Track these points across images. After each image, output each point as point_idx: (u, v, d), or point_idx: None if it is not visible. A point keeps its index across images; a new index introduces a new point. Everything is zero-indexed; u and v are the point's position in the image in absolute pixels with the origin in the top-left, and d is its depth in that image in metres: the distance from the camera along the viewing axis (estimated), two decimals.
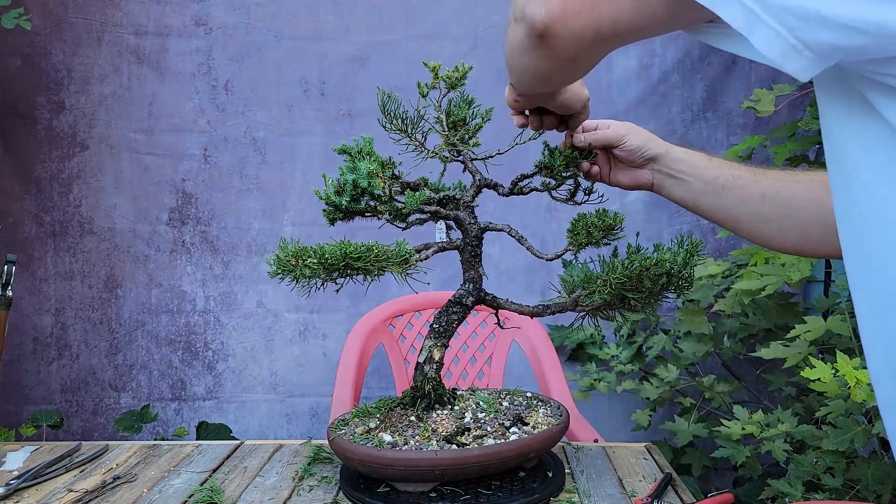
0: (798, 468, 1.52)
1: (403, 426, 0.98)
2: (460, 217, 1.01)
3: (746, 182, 0.94)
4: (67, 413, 2.16)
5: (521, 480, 1.00)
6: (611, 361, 2.09)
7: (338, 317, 2.19)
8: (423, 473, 0.93)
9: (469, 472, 0.94)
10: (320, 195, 0.94)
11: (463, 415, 1.02)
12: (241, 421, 2.20)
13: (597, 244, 1.01)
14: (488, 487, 0.97)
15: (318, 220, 0.95)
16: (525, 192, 1.04)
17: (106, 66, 2.12)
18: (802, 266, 1.62)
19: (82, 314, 2.18)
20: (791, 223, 0.90)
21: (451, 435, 0.95)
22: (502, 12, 2.16)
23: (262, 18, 2.13)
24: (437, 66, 0.98)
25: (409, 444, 0.94)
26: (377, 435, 0.97)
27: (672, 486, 1.01)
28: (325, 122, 2.15)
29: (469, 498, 0.94)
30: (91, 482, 1.07)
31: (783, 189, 0.92)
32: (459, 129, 1.00)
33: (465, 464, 0.92)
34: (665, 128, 2.19)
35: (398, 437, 0.96)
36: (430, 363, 1.02)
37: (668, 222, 2.22)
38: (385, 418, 1.01)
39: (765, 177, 0.94)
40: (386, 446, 0.94)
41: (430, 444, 0.94)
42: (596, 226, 1.00)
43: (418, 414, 1.00)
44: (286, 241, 0.92)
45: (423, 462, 0.91)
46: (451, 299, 1.03)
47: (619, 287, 0.94)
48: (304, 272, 0.88)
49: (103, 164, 2.15)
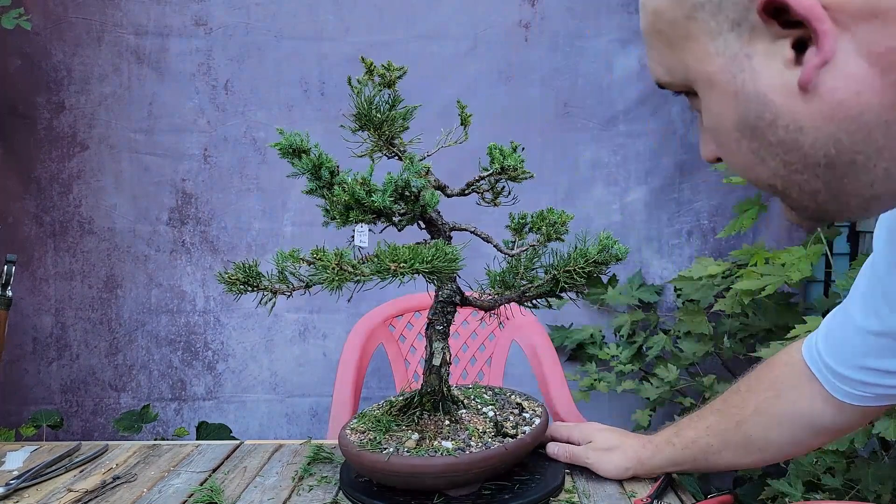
0: (798, 468, 1.52)
1: (448, 431, 0.97)
2: (433, 218, 1.00)
3: (726, 424, 0.96)
4: (67, 413, 2.16)
5: (539, 468, 1.04)
6: (611, 361, 2.09)
7: (338, 317, 2.19)
8: (490, 471, 0.95)
9: (518, 461, 0.99)
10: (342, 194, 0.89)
11: (480, 411, 1.03)
12: (241, 421, 2.20)
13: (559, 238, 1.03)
14: (520, 477, 1.00)
15: (318, 219, 0.95)
16: (466, 194, 1.05)
17: (106, 66, 2.12)
18: (802, 266, 1.62)
19: (82, 314, 2.18)
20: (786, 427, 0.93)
21: (497, 430, 0.98)
22: (502, 12, 2.16)
23: (262, 18, 2.13)
24: (371, 61, 0.97)
25: (471, 447, 0.94)
26: (432, 444, 0.95)
27: (672, 486, 1.01)
28: (325, 122, 2.15)
29: (515, 487, 0.97)
30: (91, 482, 1.07)
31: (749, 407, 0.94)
32: (385, 128, 0.97)
33: (524, 452, 0.97)
34: (665, 128, 2.19)
35: (455, 441, 0.95)
36: (445, 365, 1.02)
37: (669, 222, 2.22)
38: (423, 427, 0.99)
39: (731, 405, 0.97)
40: (455, 452, 0.92)
41: (490, 442, 0.95)
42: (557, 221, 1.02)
43: (451, 417, 1.00)
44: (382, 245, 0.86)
45: (491, 460, 0.93)
46: (442, 300, 1.03)
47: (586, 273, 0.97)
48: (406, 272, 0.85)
49: (103, 164, 2.15)
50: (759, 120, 0.48)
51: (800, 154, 0.48)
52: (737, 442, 0.95)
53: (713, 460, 0.97)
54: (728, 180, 1.87)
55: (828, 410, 0.87)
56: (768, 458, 0.96)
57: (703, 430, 0.97)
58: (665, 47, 0.51)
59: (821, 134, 0.47)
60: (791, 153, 0.49)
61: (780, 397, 0.91)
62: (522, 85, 2.17)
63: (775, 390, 0.92)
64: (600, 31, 2.17)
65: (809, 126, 0.47)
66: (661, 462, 1.00)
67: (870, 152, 0.47)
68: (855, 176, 0.48)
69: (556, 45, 2.17)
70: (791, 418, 0.90)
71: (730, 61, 0.48)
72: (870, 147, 0.46)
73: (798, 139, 0.48)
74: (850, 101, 0.45)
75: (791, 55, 0.45)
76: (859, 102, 0.45)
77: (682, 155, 2.20)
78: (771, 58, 0.46)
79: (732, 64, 0.48)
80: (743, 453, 0.95)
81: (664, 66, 0.53)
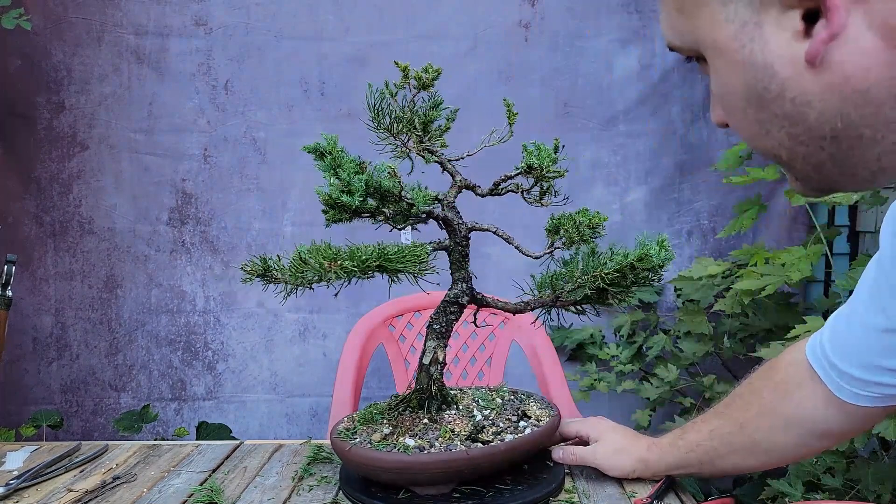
0: (798, 468, 1.52)
1: (420, 429, 0.98)
2: (449, 217, 1.00)
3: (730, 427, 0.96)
4: (67, 413, 2.16)
5: (529, 473, 1.01)
6: (611, 361, 2.09)
7: (338, 317, 2.19)
8: (453, 474, 0.93)
9: (496, 468, 0.96)
10: (322, 194, 0.93)
11: (471, 413, 1.02)
12: (241, 421, 2.20)
13: (587, 241, 1.01)
14: (504, 483, 0.98)
15: (318, 219, 0.95)
16: (502, 193, 1.04)
17: (106, 66, 2.12)
18: (802, 266, 1.62)
19: (82, 314, 2.18)
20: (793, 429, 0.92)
21: (473, 434, 0.96)
22: (502, 12, 2.16)
23: (262, 18, 2.13)
24: (407, 65, 0.98)
25: (435, 447, 0.94)
26: (397, 440, 0.96)
27: (672, 487, 1.01)
28: (325, 122, 2.15)
29: (493, 494, 0.95)
30: (91, 482, 1.07)
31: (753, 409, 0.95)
32: (430, 131, 1.00)
33: (491, 460, 0.94)
34: (665, 128, 2.19)
35: (420, 440, 0.96)
36: (436, 364, 1.02)
37: (669, 222, 2.22)
38: (398, 423, 1.00)
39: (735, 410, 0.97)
40: (413, 451, 0.93)
41: (456, 445, 0.94)
42: (585, 224, 1.00)
43: (431, 416, 1.00)
44: (316, 242, 0.90)
45: (454, 463, 0.91)
46: (448, 299, 1.03)
47: (608, 282, 0.95)
48: (338, 273, 0.87)
49: (103, 164, 2.15)
50: (765, 91, 0.48)
51: (805, 127, 0.48)
52: (741, 445, 0.94)
53: (718, 464, 0.97)
54: (728, 180, 1.87)
55: (831, 412, 0.86)
56: (773, 460, 0.96)
57: (707, 433, 0.97)
58: (676, 11, 0.51)
59: (828, 107, 0.46)
60: (797, 126, 0.48)
61: (784, 399, 0.91)
62: (522, 85, 2.17)
63: (779, 392, 0.92)
64: (600, 31, 2.17)
65: (816, 100, 0.46)
66: (666, 465, 1.00)
67: (878, 125, 0.46)
68: (862, 149, 0.48)
69: (556, 45, 2.17)
70: (796, 421, 0.90)
71: (739, 29, 0.47)
72: (878, 121, 0.46)
73: (805, 112, 0.47)
74: (858, 75, 0.44)
75: (801, 27, 0.45)
76: (868, 77, 0.44)
77: (682, 155, 2.20)
78: (780, 28, 0.45)
79: (742, 32, 0.47)
80: (748, 456, 0.95)
81: (675, 30, 0.52)
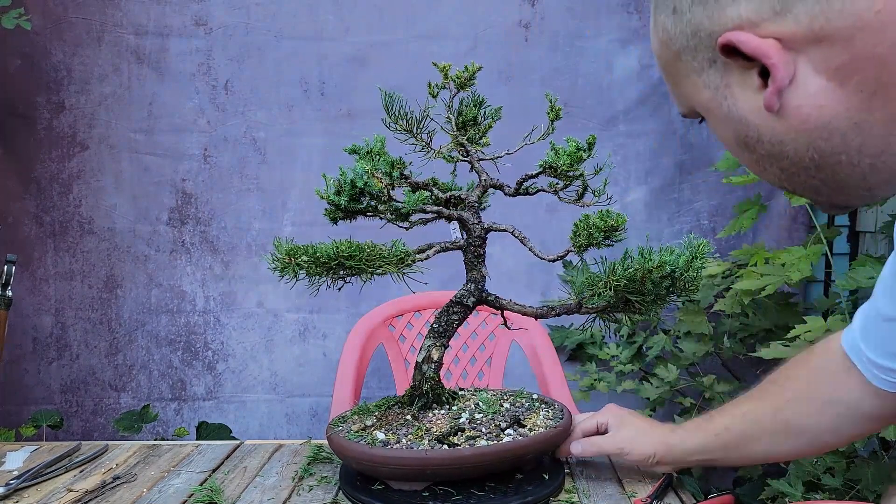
0: (798, 468, 1.52)
1: (398, 425, 0.99)
2: (464, 217, 1.00)
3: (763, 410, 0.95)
4: (67, 413, 2.16)
5: (516, 483, 0.99)
6: (611, 361, 2.09)
7: (338, 317, 2.19)
8: (414, 473, 0.93)
9: (461, 473, 0.94)
10: (321, 195, 0.94)
11: (459, 415, 1.01)
12: (241, 421, 2.20)
13: (598, 245, 1.00)
14: (482, 489, 0.96)
15: (319, 219, 0.96)
16: (531, 192, 1.03)
17: (106, 66, 2.12)
18: (802, 266, 1.62)
19: (82, 314, 2.18)
20: None
21: (443, 435, 0.95)
22: (502, 12, 2.16)
23: (262, 18, 2.13)
24: (447, 66, 0.99)
25: (402, 443, 0.94)
26: (371, 433, 0.97)
27: (672, 486, 1.01)
28: (325, 122, 2.15)
29: (460, 499, 0.93)
30: (91, 482, 1.07)
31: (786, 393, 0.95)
32: (469, 129, 1.01)
33: (455, 465, 0.92)
34: (665, 128, 2.19)
35: (391, 435, 0.96)
36: (429, 363, 1.02)
37: (669, 222, 2.22)
38: (382, 416, 1.01)
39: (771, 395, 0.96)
40: (378, 444, 0.94)
41: (422, 444, 0.94)
42: (598, 227, 0.98)
43: (414, 413, 1.00)
44: (281, 240, 0.92)
45: (413, 461, 0.91)
46: (453, 299, 1.03)
47: (623, 289, 0.92)
48: (296, 270, 0.89)
49: (103, 164, 2.15)
50: (748, 138, 0.55)
51: (789, 161, 0.54)
52: (774, 428, 0.94)
53: (747, 449, 0.96)
54: (728, 180, 1.87)
55: (867, 397, 0.87)
56: (804, 445, 0.95)
57: (739, 416, 0.96)
58: (673, 85, 0.59)
59: (799, 144, 0.53)
60: (782, 160, 0.55)
61: (821, 383, 0.91)
62: (522, 85, 2.17)
63: (815, 377, 0.92)
64: (600, 31, 2.17)
65: (788, 139, 0.53)
66: (691, 447, 0.98)
67: (851, 151, 0.51)
68: (845, 173, 0.53)
69: (556, 45, 2.17)
70: (832, 402, 0.90)
71: (715, 92, 0.54)
72: (849, 147, 0.51)
73: (782, 150, 0.54)
74: (814, 113, 0.50)
75: (759, 82, 0.51)
76: (823, 113, 0.50)
77: (682, 155, 2.20)
78: (744, 86, 0.52)
79: (717, 94, 0.54)
80: (781, 438, 0.94)
81: (677, 100, 0.60)
